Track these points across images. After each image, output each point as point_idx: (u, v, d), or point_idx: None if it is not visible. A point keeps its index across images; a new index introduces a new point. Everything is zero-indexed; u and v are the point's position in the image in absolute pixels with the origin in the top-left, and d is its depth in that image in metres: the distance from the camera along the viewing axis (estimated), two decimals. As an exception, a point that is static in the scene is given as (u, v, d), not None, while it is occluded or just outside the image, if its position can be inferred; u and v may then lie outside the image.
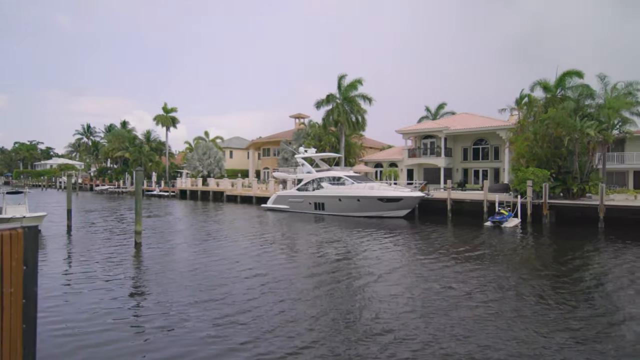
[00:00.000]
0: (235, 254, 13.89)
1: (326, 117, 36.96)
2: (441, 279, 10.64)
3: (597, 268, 12.26)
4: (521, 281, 10.60)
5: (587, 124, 22.53)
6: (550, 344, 6.60)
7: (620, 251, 14.63)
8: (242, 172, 58.77)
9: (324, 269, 11.73)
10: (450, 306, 8.37)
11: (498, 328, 7.25)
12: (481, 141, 36.71)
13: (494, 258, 13.51)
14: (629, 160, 30.66)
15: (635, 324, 7.57)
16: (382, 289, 9.66)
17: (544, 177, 22.98)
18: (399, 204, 25.25)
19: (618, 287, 10.07)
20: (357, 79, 34.89)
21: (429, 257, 13.67)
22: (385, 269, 11.68)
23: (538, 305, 8.59)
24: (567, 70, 27.12)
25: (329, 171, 29.29)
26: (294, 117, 53.33)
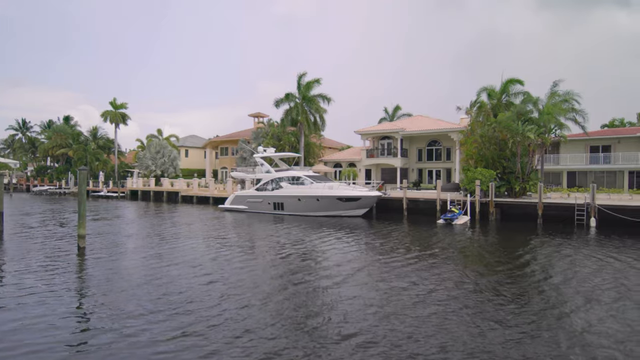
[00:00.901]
0: (191, 258, 13.32)
1: (285, 117, 36.77)
2: (399, 278, 10.92)
3: (541, 261, 13.26)
4: (473, 277, 11.18)
5: (527, 128, 24.36)
6: (506, 338, 7.02)
7: (558, 245, 15.98)
8: (198, 172, 56.82)
9: (285, 272, 11.57)
10: (409, 305, 8.57)
11: (456, 325, 7.57)
12: (435, 142, 38.41)
13: (446, 255, 14.15)
14: (563, 161, 33.60)
15: (582, 314, 8.28)
16: (344, 291, 9.63)
17: (490, 177, 24.59)
18: (357, 204, 25.74)
19: (562, 279, 10.92)
20: (316, 78, 35.09)
21: (387, 256, 14.03)
22: (346, 270, 11.77)
23: (491, 301, 9.11)
24: (510, 78, 29.22)
25: (289, 171, 29.16)
26: (253, 116, 52.50)
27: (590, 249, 15.26)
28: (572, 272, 11.65)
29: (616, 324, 7.56)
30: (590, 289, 9.84)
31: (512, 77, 29.18)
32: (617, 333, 7.13)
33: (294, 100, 35.92)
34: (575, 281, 10.67)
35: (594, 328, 7.38)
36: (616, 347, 6.55)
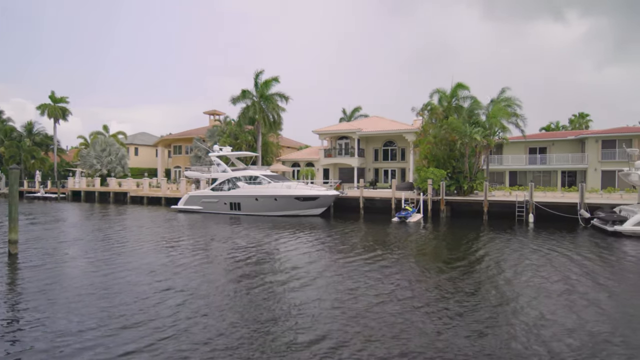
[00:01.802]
0: (140, 264, 12.50)
1: (242, 115, 36.00)
2: (359, 278, 11.01)
3: (489, 256, 14.08)
4: (429, 273, 11.64)
5: (474, 130, 25.89)
6: (466, 332, 7.35)
7: (502, 240, 17.11)
8: (149, 171, 53.98)
9: (244, 276, 11.13)
10: (372, 305, 8.58)
11: (419, 323, 7.78)
12: (390, 143, 39.61)
13: (402, 253, 14.61)
14: (506, 162, 36.13)
15: (534, 306, 8.87)
16: (306, 293, 9.42)
17: (441, 177, 25.82)
18: (315, 203, 25.84)
19: (512, 273, 11.69)
20: (274, 76, 34.71)
21: (346, 255, 14.17)
22: (307, 271, 11.63)
23: (449, 297, 9.49)
24: (458, 83, 30.83)
25: (246, 170, 28.60)
26: (209, 113, 50.85)
27: (531, 242, 16.51)
28: (518, 265, 12.52)
29: (566, 313, 8.21)
30: (536, 281, 10.63)
31: (460, 82, 30.84)
32: (567, 322, 7.74)
33: (251, 98, 35.27)
34: (521, 274, 11.45)
35: (546, 318, 7.94)
36: (568, 335, 7.11)
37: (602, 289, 9.82)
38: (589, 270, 11.75)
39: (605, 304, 8.75)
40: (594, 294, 9.40)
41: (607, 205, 21.24)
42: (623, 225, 17.84)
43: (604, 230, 18.76)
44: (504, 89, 29.45)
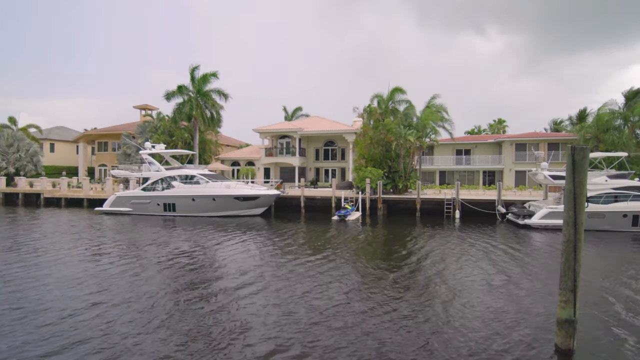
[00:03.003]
0: (63, 275, 11.16)
1: (177, 111, 34.05)
2: (302, 279, 11.03)
3: (423, 250, 15.00)
4: (370, 271, 12.04)
5: (408, 132, 27.45)
6: (408, 328, 7.67)
7: (434, 235, 18.35)
8: (68, 170, 48.68)
9: (183, 283, 10.42)
10: (318, 307, 8.72)
11: (363, 322, 8.00)
12: (331, 143, 40.36)
13: (343, 251, 14.94)
14: (436, 162, 38.88)
15: (464, 300, 9.54)
16: (250, 299, 9.10)
17: (378, 176, 26.96)
18: (255, 203, 25.40)
19: (444, 266, 12.56)
20: (213, 72, 33.35)
21: (288, 256, 14.12)
22: (249, 275, 11.31)
23: (390, 293, 9.90)
24: (395, 87, 32.51)
25: (181, 169, 27.11)
26: (140, 108, 47.28)
27: (457, 236, 17.95)
28: (447, 257, 13.55)
29: (488, 292, 9.03)
30: (463, 270, 11.59)
31: (397, 87, 32.51)
32: (489, 300, 8.52)
33: (187, 93, 33.50)
34: (450, 264, 12.45)
35: (473, 299, 8.66)
36: (490, 312, 7.81)
37: (515, 272, 11.06)
38: (505, 257, 13.19)
39: (519, 283, 9.89)
40: (509, 276, 10.57)
41: (519, 202, 23.90)
42: (531, 219, 20.23)
43: (516, 223, 21.10)
44: (434, 96, 31.70)
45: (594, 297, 9.20)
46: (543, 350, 6.49)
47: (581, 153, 6.06)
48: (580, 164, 6.05)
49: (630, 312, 8.28)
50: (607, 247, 16.00)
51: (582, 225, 6.08)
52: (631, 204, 19.33)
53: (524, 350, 6.51)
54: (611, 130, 29.60)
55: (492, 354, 6.35)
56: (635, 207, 19.25)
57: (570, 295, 6.19)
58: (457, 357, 6.24)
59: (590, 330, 7.28)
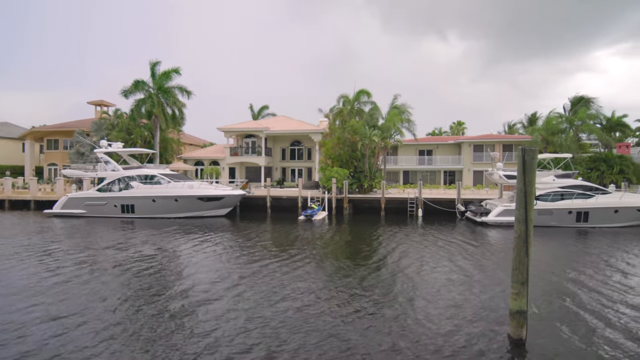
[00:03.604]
0: (7, 284, 10.37)
1: (136, 108, 32.53)
2: (269, 281, 10.92)
3: (386, 248, 15.34)
4: (337, 270, 12.13)
5: (373, 132, 28.00)
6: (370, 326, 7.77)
7: (397, 233, 18.82)
8: (13, 169, 45.06)
9: (143, 289, 9.94)
10: (277, 309, 8.62)
11: (334, 323, 8.01)
12: (297, 143, 40.27)
13: (310, 251, 14.96)
14: (400, 162, 39.94)
15: (426, 296, 9.81)
16: (216, 304, 8.80)
17: (344, 176, 27.27)
18: (220, 203, 24.83)
19: (406, 261, 12.88)
20: (175, 68, 32.17)
21: (254, 258, 13.91)
22: (214, 278, 11.06)
23: (358, 293, 10.00)
24: (361, 89, 33.03)
25: (141, 169, 25.93)
26: (95, 104, 44.68)
27: (420, 234, 18.54)
28: (411, 254, 13.94)
29: (449, 285, 9.37)
30: (426, 265, 11.97)
31: (363, 89, 33.05)
32: (449, 292, 8.84)
33: (146, 89, 32.09)
34: (414, 261, 12.83)
35: (437, 291, 8.96)
36: (451, 302, 8.11)
37: (472, 268, 11.62)
38: (464, 254, 13.80)
39: (476, 278, 10.39)
40: (467, 272, 11.08)
41: (477, 200, 25.10)
42: (488, 217, 21.32)
43: (474, 221, 22.15)
44: (396, 96, 32.52)
45: (544, 289, 9.86)
46: (497, 340, 6.86)
47: (530, 154, 6.46)
48: (529, 165, 6.45)
49: (576, 302, 8.95)
50: (554, 242, 17.19)
51: (531, 222, 6.49)
52: (575, 201, 20.90)
53: (480, 341, 6.84)
54: (558, 134, 31.86)
55: (451, 347, 6.62)
56: (579, 204, 20.83)
57: (521, 287, 6.58)
58: (420, 352, 6.44)
59: (540, 320, 7.79)
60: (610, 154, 31.07)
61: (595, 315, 8.10)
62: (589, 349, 6.60)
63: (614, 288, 10.03)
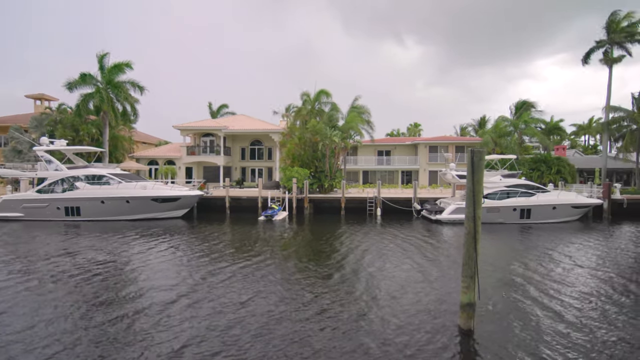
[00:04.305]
0: None
1: (83, 103, 30.34)
2: (228, 284, 10.67)
3: (347, 247, 15.51)
4: (295, 270, 12.07)
5: (334, 133, 28.30)
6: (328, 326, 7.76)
7: (357, 232, 19.13)
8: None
9: (90, 296, 9.28)
10: (237, 315, 8.42)
11: (295, 327, 7.91)
12: (258, 142, 39.70)
13: (270, 252, 14.78)
14: (360, 162, 40.71)
15: (385, 294, 9.99)
16: (174, 312, 8.51)
17: (305, 176, 27.30)
18: (176, 204, 23.87)
19: (366, 259, 13.09)
20: (126, 61, 30.40)
21: (212, 261, 13.49)
22: (166, 282, 10.63)
23: (311, 292, 9.99)
24: (321, 90, 33.28)
25: (88, 168, 24.24)
26: (34, 97, 41.16)
27: (379, 232, 19.00)
28: (371, 251, 14.22)
29: (409, 279, 9.65)
30: (387, 263, 12.25)
31: (323, 89, 33.28)
32: (409, 287, 9.11)
33: (94, 83, 30.05)
34: (375, 258, 13.08)
35: (399, 287, 9.18)
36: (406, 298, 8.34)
37: (427, 264, 12.11)
38: (419, 251, 14.36)
39: (430, 273, 10.82)
40: (423, 268, 11.52)
41: (432, 199, 26.20)
42: (442, 215, 22.33)
43: (429, 219, 23.10)
44: (357, 97, 33.22)
45: (492, 282, 10.49)
46: (448, 331, 7.20)
47: (478, 156, 6.84)
48: (477, 165, 6.83)
49: (521, 294, 9.61)
50: (501, 237, 18.37)
51: (479, 219, 6.87)
52: (519, 199, 22.47)
53: (432, 333, 7.14)
54: (505, 136, 34.10)
55: (406, 341, 6.84)
56: (523, 202, 22.42)
57: (470, 281, 6.95)
58: (379, 349, 6.59)
59: (488, 311, 8.27)
60: (549, 155, 33.75)
61: (539, 305, 8.75)
62: (533, 336, 7.11)
63: (554, 279, 10.91)
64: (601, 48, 32.58)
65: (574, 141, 64.61)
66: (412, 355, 6.33)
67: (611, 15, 31.86)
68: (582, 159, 43.27)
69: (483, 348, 6.65)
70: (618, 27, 31.53)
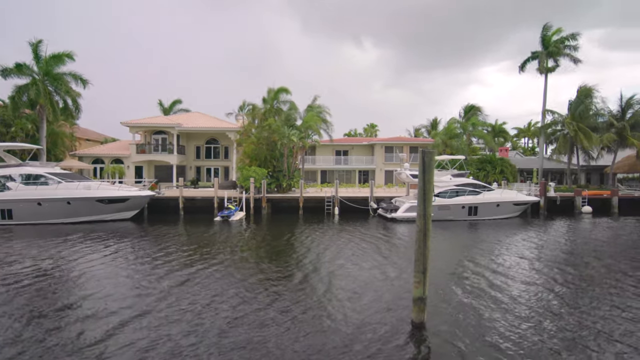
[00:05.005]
0: None
1: (17, 95, 27.61)
2: (178, 288, 10.23)
3: (305, 246, 15.50)
4: (252, 271, 11.84)
5: (292, 132, 28.20)
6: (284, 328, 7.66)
7: (315, 231, 19.20)
8: None
9: (27, 310, 8.50)
10: (192, 322, 8.06)
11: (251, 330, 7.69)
12: (214, 141, 38.53)
13: (224, 253, 14.40)
14: (318, 162, 40.95)
15: (342, 292, 10.04)
16: (114, 318, 8.03)
17: (263, 175, 26.94)
18: (124, 205, 22.50)
19: (326, 257, 13.13)
20: (66, 51, 28.06)
21: (161, 263, 12.87)
22: (114, 290, 9.95)
23: (269, 294, 9.84)
24: (280, 87, 33.00)
25: (22, 167, 22.11)
26: (-44, 87, 36.77)
27: (337, 231, 19.22)
28: (329, 250, 14.33)
29: (363, 275, 9.80)
30: (346, 261, 12.38)
31: (282, 87, 33.02)
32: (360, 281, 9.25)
33: (29, 74, 27.46)
34: (333, 257, 13.17)
35: (353, 279, 9.28)
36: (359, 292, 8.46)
37: (383, 261, 12.47)
38: (375, 248, 14.75)
39: (386, 270, 11.15)
40: (379, 265, 11.84)
41: (388, 198, 27.00)
42: (397, 213, 23.09)
43: (385, 217, 23.79)
44: (315, 97, 33.43)
45: (443, 276, 11.01)
46: (401, 325, 7.46)
47: (429, 156, 7.15)
48: (428, 165, 7.13)
49: (470, 286, 10.19)
50: (452, 234, 19.35)
51: (430, 217, 7.18)
52: (467, 197, 23.84)
53: (386, 327, 7.36)
54: (455, 138, 36.01)
55: (361, 336, 6.98)
56: (471, 200, 23.81)
57: (422, 276, 7.25)
58: (336, 346, 6.66)
59: (438, 304, 8.67)
60: (493, 156, 36.17)
61: (486, 296, 9.33)
62: (480, 325, 7.56)
63: (500, 272, 11.69)
64: (537, 58, 35.47)
65: (515, 143, 69.80)
66: (365, 350, 6.47)
67: (543, 29, 34.78)
68: (522, 159, 46.83)
69: (433, 339, 6.96)
70: (550, 41, 34.51)
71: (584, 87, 33.79)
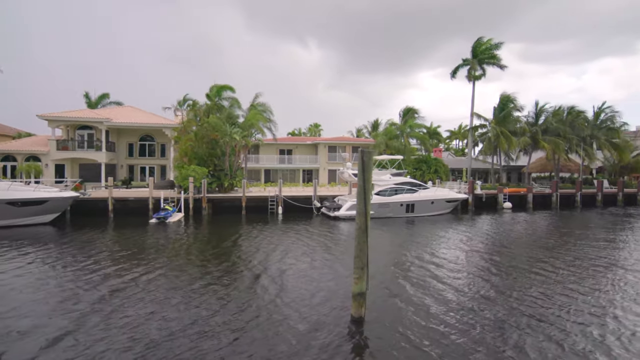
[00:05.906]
0: None
1: None
2: (106, 299, 9.37)
3: (248, 249, 15.12)
4: (192, 276, 11.23)
5: (234, 130, 27.43)
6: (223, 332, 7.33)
7: (259, 231, 18.85)
8: None
9: None
10: (128, 337, 7.44)
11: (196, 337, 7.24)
12: (148, 137, 36.08)
13: (160, 258, 13.53)
14: (262, 161, 40.33)
15: (285, 290, 9.88)
16: (35, 335, 7.15)
17: (203, 174, 25.85)
18: (42, 208, 20.16)
19: (270, 258, 12.86)
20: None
21: (87, 272, 11.71)
22: (29, 306, 8.83)
23: (209, 300, 9.39)
24: (223, 85, 31.93)
25: None
26: None
27: (281, 230, 19.08)
28: (274, 251, 14.14)
29: (299, 273, 9.77)
30: (291, 260, 12.26)
31: (226, 84, 31.95)
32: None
33: None
34: (278, 257, 13.03)
35: (293, 284, 9.19)
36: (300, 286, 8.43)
37: (325, 258, 12.65)
38: (318, 246, 14.91)
39: (328, 267, 11.31)
40: (322, 262, 11.98)
41: (331, 197, 27.46)
42: (339, 211, 23.58)
43: (328, 215, 24.16)
44: (257, 94, 32.89)
45: (382, 272, 11.45)
46: (341, 320, 7.62)
47: (368, 155, 7.37)
48: (367, 164, 7.35)
49: (407, 280, 10.70)
50: (391, 230, 20.24)
51: (369, 214, 7.41)
52: (405, 195, 25.11)
53: (326, 322, 7.47)
54: (394, 139, 37.73)
55: (302, 333, 6.99)
56: (408, 197, 25.11)
57: (361, 272, 7.45)
58: (276, 345, 6.58)
59: (377, 299, 8.99)
60: (429, 157, 38.54)
61: (423, 289, 9.87)
62: (418, 317, 7.97)
63: (437, 264, 12.46)
64: (467, 66, 38.49)
65: (448, 144, 75.18)
66: (306, 347, 6.49)
67: (477, 40, 37.86)
68: (454, 160, 50.55)
69: (371, 333, 7.20)
70: (479, 50, 37.68)
71: (505, 95, 37.50)
